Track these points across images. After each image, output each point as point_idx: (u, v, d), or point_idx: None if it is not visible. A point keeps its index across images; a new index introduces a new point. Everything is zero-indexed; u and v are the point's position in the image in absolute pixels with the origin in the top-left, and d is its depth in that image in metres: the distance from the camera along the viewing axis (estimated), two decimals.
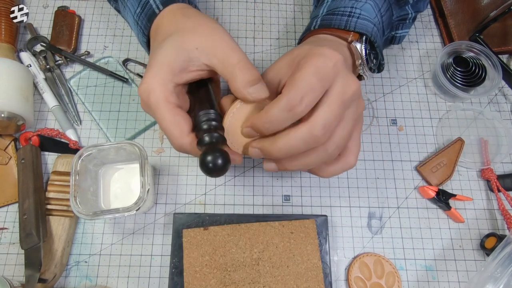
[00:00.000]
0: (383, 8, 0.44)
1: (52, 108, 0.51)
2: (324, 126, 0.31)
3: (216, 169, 0.30)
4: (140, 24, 0.43)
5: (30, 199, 0.44)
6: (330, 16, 0.43)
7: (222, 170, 0.30)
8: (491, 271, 0.39)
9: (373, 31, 0.42)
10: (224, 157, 0.30)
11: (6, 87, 0.46)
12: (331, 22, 0.42)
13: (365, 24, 0.42)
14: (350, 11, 0.42)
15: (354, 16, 0.42)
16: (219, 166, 0.30)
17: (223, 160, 0.30)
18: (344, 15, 0.42)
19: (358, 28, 0.41)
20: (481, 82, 0.52)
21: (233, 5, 0.59)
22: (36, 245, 0.42)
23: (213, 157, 0.30)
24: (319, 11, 0.46)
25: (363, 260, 0.45)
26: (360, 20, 0.42)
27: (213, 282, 0.42)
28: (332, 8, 0.44)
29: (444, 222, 0.48)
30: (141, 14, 0.42)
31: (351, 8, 0.42)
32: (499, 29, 0.56)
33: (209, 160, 0.30)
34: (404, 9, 0.49)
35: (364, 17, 0.42)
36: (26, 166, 0.46)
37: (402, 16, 0.49)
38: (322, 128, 0.31)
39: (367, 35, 0.42)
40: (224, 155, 0.30)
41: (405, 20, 0.50)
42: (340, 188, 0.49)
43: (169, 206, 0.48)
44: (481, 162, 0.51)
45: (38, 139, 0.49)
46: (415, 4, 0.49)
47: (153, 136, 0.51)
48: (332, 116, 0.32)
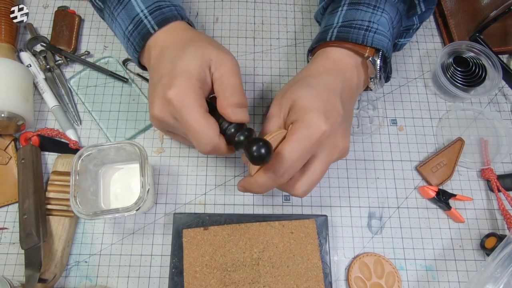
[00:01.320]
0: (395, 21, 0.44)
1: (52, 108, 0.51)
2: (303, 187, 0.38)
3: (262, 156, 0.32)
4: (132, 41, 0.43)
5: (30, 199, 0.44)
6: (347, 28, 0.42)
7: (268, 156, 0.33)
8: (491, 271, 0.39)
9: (388, 46, 0.42)
10: (266, 144, 0.33)
11: (6, 87, 0.46)
12: (349, 36, 0.42)
13: (381, 39, 0.42)
14: (368, 25, 0.42)
15: (371, 31, 0.42)
16: (264, 154, 0.32)
17: (266, 147, 0.33)
18: (362, 29, 0.42)
19: (375, 44, 0.41)
20: (481, 82, 0.52)
21: (233, 5, 0.59)
22: (36, 245, 0.42)
23: (256, 146, 0.32)
24: (334, 20, 0.44)
25: (363, 260, 0.45)
26: (376, 35, 0.42)
27: (213, 282, 0.42)
28: (349, 19, 0.43)
29: (444, 222, 0.48)
30: (133, 32, 0.42)
31: (368, 22, 0.42)
32: (499, 29, 0.56)
33: (255, 150, 0.32)
34: (411, 19, 0.49)
35: (381, 32, 0.42)
36: (26, 166, 0.46)
37: (408, 26, 0.50)
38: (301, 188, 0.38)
39: (382, 51, 0.42)
40: (266, 142, 0.33)
41: (410, 30, 0.50)
42: (340, 188, 0.49)
43: (169, 206, 0.48)
44: (481, 162, 0.51)
45: (38, 139, 0.49)
46: (422, 14, 0.49)
47: (153, 136, 0.51)
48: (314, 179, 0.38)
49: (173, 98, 0.36)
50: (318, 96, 0.38)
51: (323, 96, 0.38)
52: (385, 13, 0.43)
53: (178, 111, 0.36)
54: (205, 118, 0.36)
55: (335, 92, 0.39)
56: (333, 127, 0.37)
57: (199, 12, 0.59)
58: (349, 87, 0.42)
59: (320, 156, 0.38)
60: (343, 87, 0.40)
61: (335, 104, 0.38)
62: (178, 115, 0.36)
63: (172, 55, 0.39)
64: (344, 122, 0.39)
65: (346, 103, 0.40)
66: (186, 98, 0.35)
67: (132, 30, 0.42)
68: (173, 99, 0.36)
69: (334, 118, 0.37)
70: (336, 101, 0.38)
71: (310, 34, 0.58)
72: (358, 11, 0.43)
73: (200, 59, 0.37)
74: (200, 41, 0.39)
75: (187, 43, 0.39)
